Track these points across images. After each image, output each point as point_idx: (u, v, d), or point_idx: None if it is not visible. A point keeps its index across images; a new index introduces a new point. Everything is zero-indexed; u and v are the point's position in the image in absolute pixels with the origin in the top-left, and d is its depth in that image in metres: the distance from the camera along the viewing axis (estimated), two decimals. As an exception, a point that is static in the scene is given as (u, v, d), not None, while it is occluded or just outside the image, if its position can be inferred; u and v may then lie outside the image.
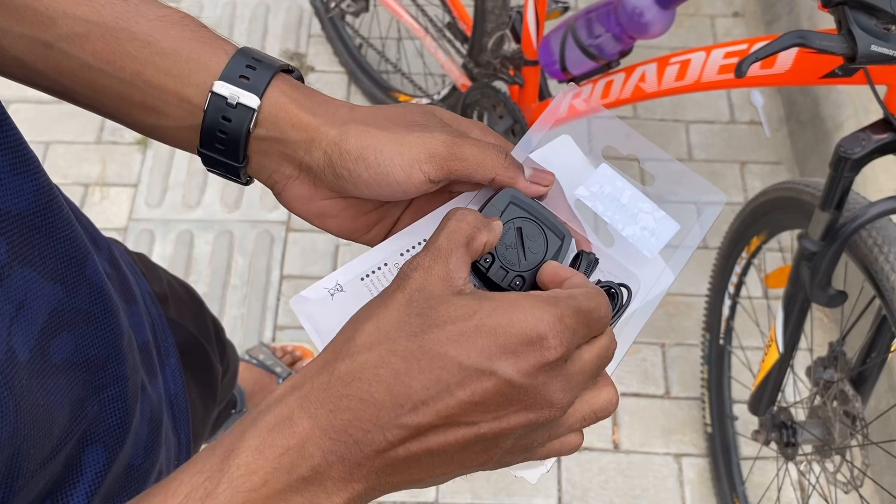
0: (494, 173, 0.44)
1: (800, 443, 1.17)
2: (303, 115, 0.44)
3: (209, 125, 0.44)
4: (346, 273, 0.46)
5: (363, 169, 0.43)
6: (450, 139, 0.44)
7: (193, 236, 1.74)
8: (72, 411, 0.44)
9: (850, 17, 0.69)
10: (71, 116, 1.88)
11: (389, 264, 0.46)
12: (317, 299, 0.45)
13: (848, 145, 0.91)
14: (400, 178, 0.43)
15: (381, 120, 0.44)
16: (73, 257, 0.44)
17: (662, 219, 0.47)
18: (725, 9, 2.07)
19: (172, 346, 0.64)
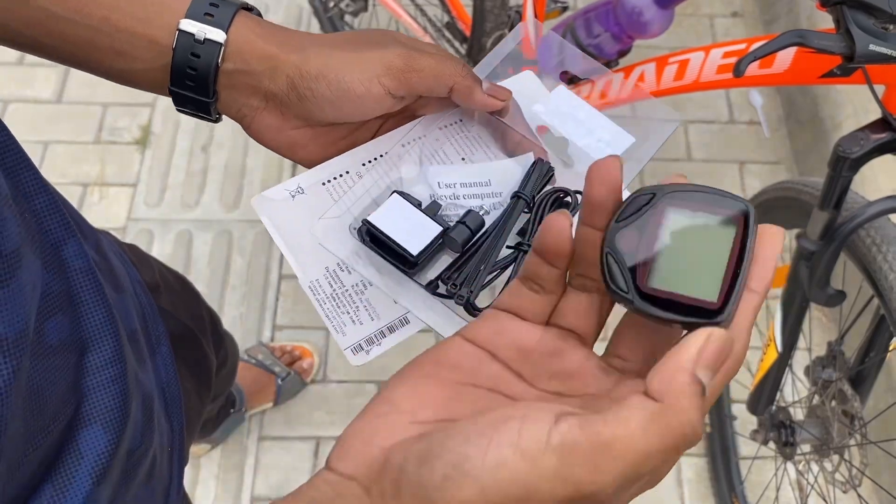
0: (453, 81, 0.46)
1: (798, 442, 1.17)
2: (266, 45, 0.46)
3: (178, 63, 0.46)
4: (307, 177, 0.48)
5: (325, 87, 0.45)
6: (407, 52, 0.45)
7: (192, 236, 1.74)
8: (64, 392, 0.44)
9: (848, 17, 0.69)
10: (69, 116, 1.88)
11: (351, 172, 0.48)
12: (278, 199, 0.48)
13: (846, 145, 0.91)
14: (360, 93, 0.45)
15: (339, 41, 0.46)
16: (50, 241, 0.45)
17: (617, 133, 0.49)
18: (724, 9, 2.07)
19: (164, 334, 0.64)
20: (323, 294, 0.46)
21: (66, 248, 0.46)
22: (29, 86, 1.92)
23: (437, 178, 0.49)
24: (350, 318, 0.46)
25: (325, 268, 0.47)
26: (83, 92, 1.91)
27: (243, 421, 1.52)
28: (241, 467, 1.50)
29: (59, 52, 0.47)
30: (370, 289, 0.46)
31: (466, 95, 0.47)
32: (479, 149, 0.50)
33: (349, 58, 0.45)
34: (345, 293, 0.47)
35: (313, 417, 1.55)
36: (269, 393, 1.52)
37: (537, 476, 0.27)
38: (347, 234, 0.46)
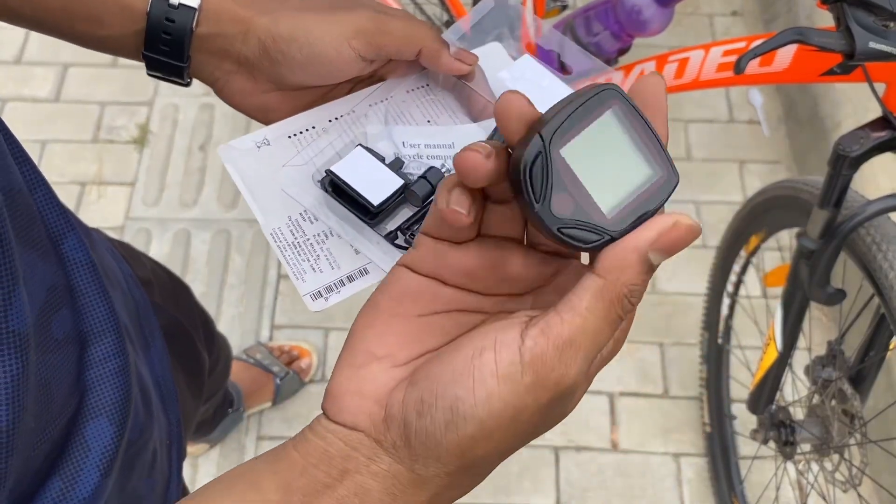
0: (422, 44, 0.47)
1: (798, 442, 1.16)
2: (239, 8, 0.46)
3: (153, 28, 0.46)
4: (274, 129, 0.49)
5: (296, 50, 0.46)
6: (376, 16, 0.46)
7: (191, 235, 1.73)
8: (69, 385, 0.44)
9: (848, 14, 0.69)
10: (67, 115, 1.88)
11: (317, 127, 0.49)
12: (244, 149, 0.48)
13: (847, 143, 0.91)
14: (331, 56, 0.45)
15: (311, 4, 0.47)
16: (50, 235, 0.45)
17: None
18: (724, 7, 2.06)
19: (157, 328, 0.64)
20: (284, 241, 0.47)
21: (66, 241, 0.46)
22: (27, 85, 1.91)
23: (402, 138, 0.50)
24: (310, 266, 0.47)
25: (288, 216, 0.47)
26: (81, 91, 1.91)
27: (241, 420, 1.52)
28: (239, 467, 1.49)
29: (35, 20, 0.48)
30: (331, 239, 0.47)
31: (434, 58, 0.48)
32: (445, 113, 0.52)
33: (320, 20, 0.46)
34: (306, 242, 0.47)
35: (311, 417, 1.53)
36: (267, 392, 1.52)
37: (522, 393, 0.30)
38: (311, 184, 0.48)
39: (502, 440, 0.31)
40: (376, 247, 0.46)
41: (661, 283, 1.68)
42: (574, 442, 1.51)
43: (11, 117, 1.87)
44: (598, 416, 1.54)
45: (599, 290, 0.30)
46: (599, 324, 0.30)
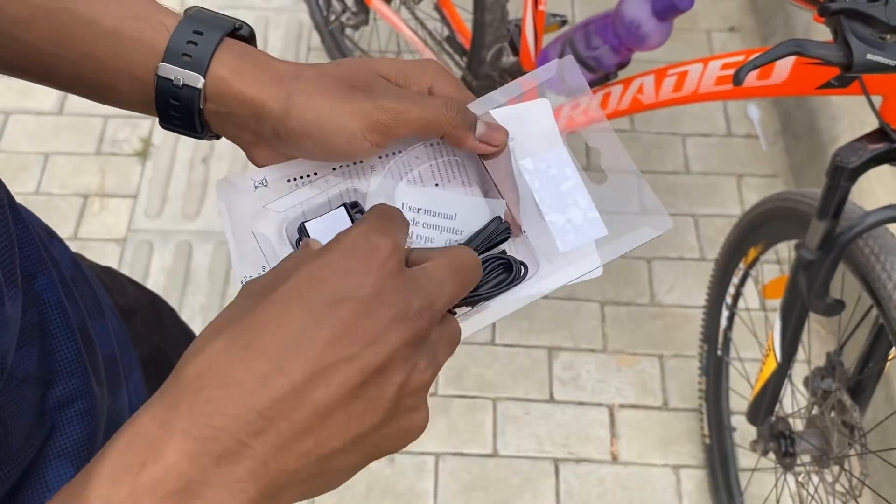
0: (443, 131, 0.44)
1: (798, 453, 1.17)
2: (246, 88, 0.44)
3: (161, 104, 0.45)
4: (275, 171, 0.47)
5: (310, 144, 0.44)
6: (394, 106, 0.43)
7: (192, 247, 1.74)
8: (29, 426, 0.43)
9: (845, 27, 0.70)
10: (71, 128, 1.89)
11: (319, 174, 0.47)
12: (240, 187, 0.46)
13: (844, 154, 0.92)
14: (346, 150, 0.44)
15: (324, 86, 0.44)
16: (23, 273, 0.44)
17: (593, 220, 0.45)
18: (722, 23, 2.08)
19: (136, 360, 0.64)
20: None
21: (38, 280, 0.46)
22: (30, 98, 1.93)
23: (402, 198, 0.47)
24: None
25: (262, 267, 0.45)
26: (84, 104, 1.92)
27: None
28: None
29: (52, 83, 0.47)
30: None
31: (457, 144, 0.45)
32: (458, 177, 0.48)
33: (333, 112, 0.43)
34: None
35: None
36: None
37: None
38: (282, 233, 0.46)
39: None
40: None
41: (659, 296, 1.68)
42: (574, 454, 1.51)
43: (15, 130, 1.88)
44: (598, 428, 1.54)
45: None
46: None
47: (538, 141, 0.48)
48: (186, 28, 0.44)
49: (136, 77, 0.45)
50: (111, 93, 0.46)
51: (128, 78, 0.45)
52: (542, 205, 0.45)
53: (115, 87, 0.45)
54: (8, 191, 0.45)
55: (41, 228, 0.57)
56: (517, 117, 0.47)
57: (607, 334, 1.64)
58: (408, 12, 1.64)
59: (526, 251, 0.46)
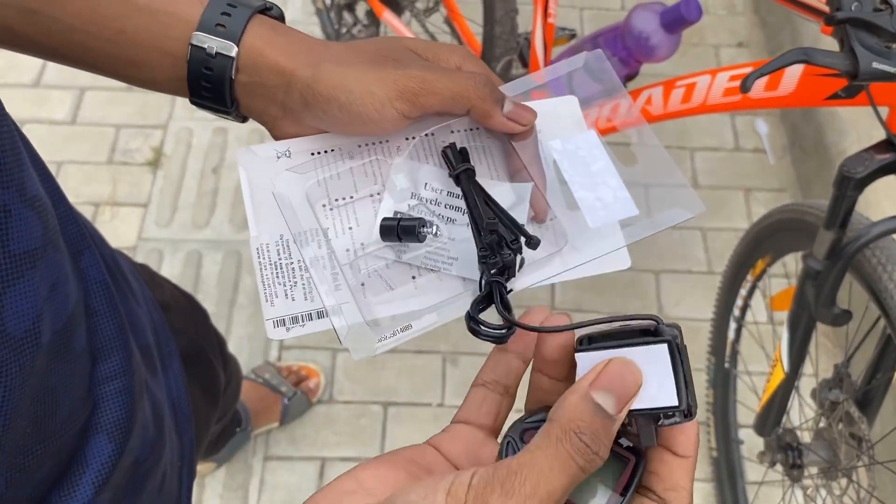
0: (470, 104, 0.44)
1: (806, 464, 1.16)
2: (279, 58, 0.45)
3: (193, 76, 0.45)
4: (299, 144, 0.47)
5: (336, 109, 0.44)
6: (422, 74, 0.43)
7: (202, 256, 1.75)
8: (79, 399, 0.44)
9: (851, 35, 0.71)
10: (83, 137, 1.91)
11: (343, 150, 0.47)
12: (262, 156, 0.46)
13: (851, 165, 0.92)
14: (373, 117, 0.43)
15: (353, 57, 0.45)
16: (70, 250, 0.45)
17: (623, 199, 0.44)
18: (730, 38, 2.10)
19: (175, 350, 0.65)
20: (267, 259, 0.45)
21: (84, 258, 0.47)
22: (44, 107, 1.95)
23: (426, 178, 0.46)
24: (284, 291, 0.44)
25: (280, 235, 0.45)
26: (97, 113, 1.95)
27: (248, 440, 1.52)
28: (245, 487, 1.49)
29: (82, 62, 0.48)
30: (315, 268, 0.44)
31: (484, 118, 0.45)
32: (484, 161, 0.48)
33: (362, 79, 0.43)
34: (289, 265, 0.45)
35: (319, 438, 1.55)
36: (274, 412, 1.52)
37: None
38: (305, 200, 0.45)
39: None
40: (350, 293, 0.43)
41: (667, 309, 1.68)
42: (581, 465, 1.50)
43: (29, 138, 1.90)
44: (605, 439, 1.54)
45: (547, 429, 0.31)
46: (547, 461, 0.30)
47: (566, 129, 0.47)
48: (219, 2, 0.45)
49: (169, 52, 0.45)
50: (144, 70, 0.47)
51: (160, 53, 0.45)
52: (571, 183, 0.44)
53: (148, 64, 0.46)
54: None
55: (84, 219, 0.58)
56: (545, 111, 0.47)
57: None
58: (418, 25, 1.65)
59: (552, 235, 0.45)
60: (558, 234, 0.45)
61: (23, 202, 0.37)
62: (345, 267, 0.44)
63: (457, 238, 0.45)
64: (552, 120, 0.47)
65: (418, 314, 0.43)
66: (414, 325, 0.42)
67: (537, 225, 0.46)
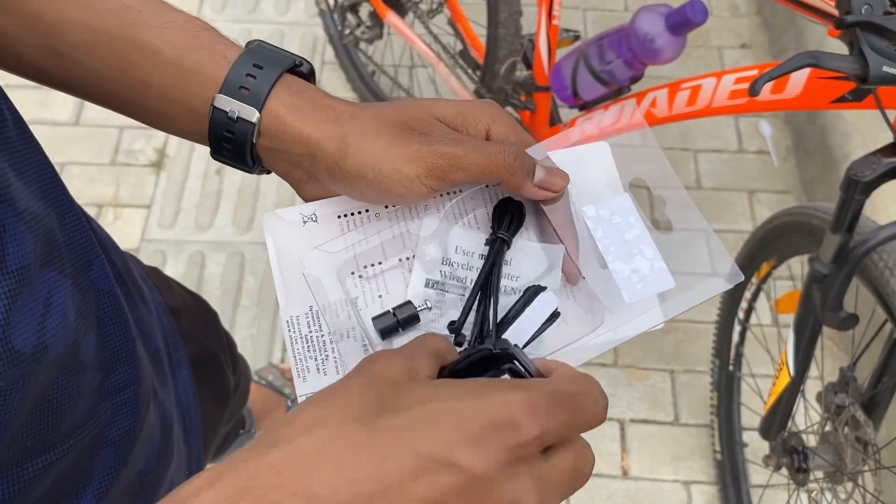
0: (500, 179, 0.43)
1: (811, 468, 1.16)
2: (304, 128, 0.43)
3: (215, 136, 0.45)
4: (325, 206, 0.46)
5: (364, 186, 0.43)
6: (450, 151, 0.42)
7: (205, 257, 1.75)
8: (84, 412, 0.44)
9: (861, 39, 0.71)
10: (86, 138, 1.91)
11: (371, 212, 0.46)
12: (288, 221, 0.45)
13: (859, 168, 0.92)
14: (401, 193, 0.43)
15: (380, 128, 0.43)
16: (79, 260, 0.45)
17: (659, 270, 0.43)
18: (734, 40, 2.09)
19: (184, 357, 0.64)
20: (297, 332, 0.44)
21: (93, 269, 0.47)
22: (47, 108, 1.95)
23: (456, 242, 0.46)
24: (316, 366, 0.43)
25: (310, 307, 0.44)
26: (100, 115, 1.94)
27: (252, 442, 1.52)
28: (248, 489, 1.49)
29: (111, 107, 0.48)
30: (346, 340, 0.43)
31: (515, 190, 0.44)
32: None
33: (389, 156, 0.42)
34: (320, 338, 0.44)
35: (322, 440, 1.54)
36: (278, 414, 1.52)
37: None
38: (335, 277, 0.44)
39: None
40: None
41: (671, 311, 1.68)
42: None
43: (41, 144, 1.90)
44: (609, 442, 1.54)
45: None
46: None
47: (598, 186, 0.46)
48: (246, 61, 0.44)
49: (193, 108, 0.45)
50: (168, 121, 0.46)
51: (184, 108, 0.45)
52: (606, 254, 0.43)
53: (172, 116, 0.46)
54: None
55: (96, 224, 0.58)
56: (576, 160, 0.46)
57: (618, 349, 1.64)
58: (422, 27, 1.65)
59: (584, 298, 0.44)
60: (591, 299, 0.44)
61: (16, 217, 0.37)
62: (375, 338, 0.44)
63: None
64: (584, 169, 0.46)
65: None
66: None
67: (569, 287, 0.45)
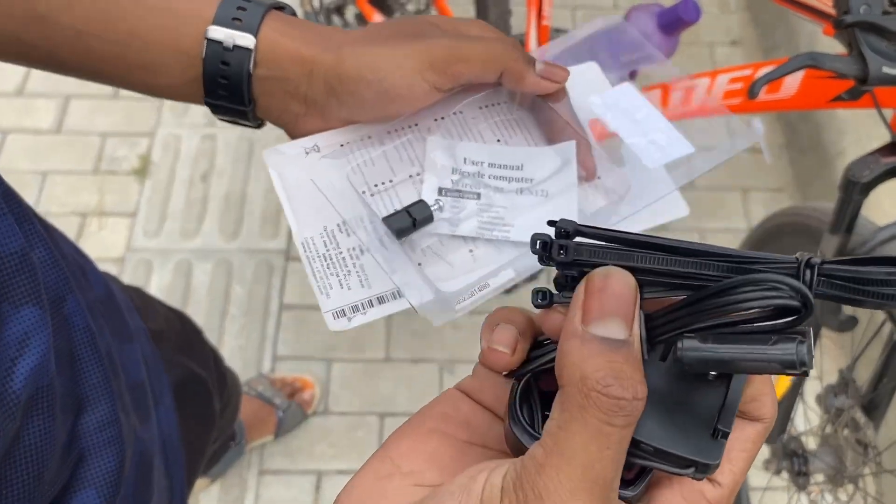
0: (503, 67, 0.43)
1: (811, 472, 1.14)
2: (299, 47, 0.43)
3: (210, 73, 0.44)
4: (326, 137, 0.46)
5: (364, 88, 0.42)
6: (451, 42, 0.42)
7: (192, 266, 1.72)
8: (61, 454, 0.42)
9: (860, 40, 0.69)
10: (68, 146, 1.87)
11: (374, 137, 0.46)
12: (290, 154, 0.45)
13: (857, 169, 0.90)
14: (403, 91, 0.42)
15: (374, 36, 0.43)
16: (51, 297, 0.43)
17: (676, 139, 0.45)
18: (724, 37, 2.08)
19: (167, 385, 0.63)
20: (314, 252, 0.44)
21: (67, 304, 0.45)
22: (28, 116, 1.91)
23: (464, 153, 0.46)
24: (338, 281, 0.43)
25: (324, 227, 0.44)
26: (82, 122, 1.91)
27: (243, 454, 1.49)
28: (240, 502, 1.47)
29: (91, 71, 0.46)
30: (366, 255, 0.43)
31: (518, 79, 0.43)
32: (519, 133, 0.47)
33: (389, 54, 0.42)
34: (338, 255, 0.44)
35: (315, 451, 1.52)
36: (269, 425, 1.50)
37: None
38: (348, 186, 0.44)
39: None
40: (413, 270, 0.42)
41: (666, 312, 1.67)
42: None
43: (13, 148, 1.86)
44: (606, 447, 1.52)
45: (562, 401, 0.25)
46: (580, 441, 0.24)
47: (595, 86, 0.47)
48: (232, 2, 0.44)
49: (183, 51, 0.44)
50: (157, 74, 0.45)
51: (173, 53, 0.44)
52: (622, 134, 0.44)
53: (162, 67, 0.44)
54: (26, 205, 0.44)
55: (73, 250, 0.55)
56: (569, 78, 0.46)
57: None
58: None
59: (602, 194, 0.45)
60: (609, 192, 0.45)
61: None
62: (398, 248, 0.43)
63: (508, 206, 0.45)
64: (578, 85, 0.47)
65: (495, 272, 0.41)
66: (491, 282, 0.41)
67: (586, 184, 0.46)
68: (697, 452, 0.27)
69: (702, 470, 0.27)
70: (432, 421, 0.31)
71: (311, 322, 1.63)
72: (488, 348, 0.30)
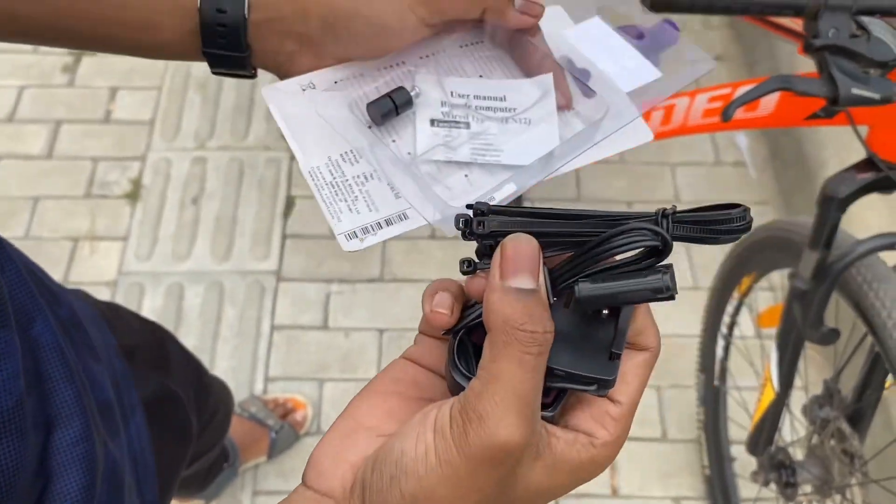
0: (486, 3, 0.46)
1: (799, 483, 1.16)
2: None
3: (207, 22, 0.45)
4: (320, 75, 0.48)
5: (359, 24, 0.45)
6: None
7: (183, 288, 1.73)
8: (32, 474, 0.43)
9: (830, 62, 0.71)
10: (60, 171, 1.89)
11: (366, 75, 0.49)
12: (287, 91, 0.48)
13: (833, 185, 0.92)
14: (395, 26, 0.45)
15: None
16: (19, 318, 0.44)
17: (644, 64, 0.49)
18: (706, 52, 2.10)
19: (137, 401, 0.63)
20: (322, 181, 0.46)
21: (35, 325, 0.46)
22: (20, 141, 1.93)
23: (451, 87, 0.49)
24: (347, 207, 0.45)
25: (328, 156, 0.46)
26: (73, 147, 1.92)
27: (236, 476, 1.50)
28: (235, 523, 1.47)
29: (87, 37, 0.47)
30: (372, 181, 0.46)
31: (499, 15, 0.47)
32: (499, 69, 0.51)
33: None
34: (345, 182, 0.46)
35: (308, 470, 1.52)
36: (262, 447, 1.50)
37: (453, 447, 0.31)
38: (350, 115, 0.47)
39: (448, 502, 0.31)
40: (419, 191, 0.45)
41: (655, 326, 1.68)
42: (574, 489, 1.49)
43: (4, 174, 1.87)
44: (597, 461, 1.53)
45: (490, 340, 0.31)
46: (507, 369, 0.31)
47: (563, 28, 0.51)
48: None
49: (179, 4, 0.45)
50: (152, 31, 0.46)
51: (169, 7, 0.45)
52: (594, 59, 0.49)
53: (157, 24, 0.46)
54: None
55: (39, 271, 0.56)
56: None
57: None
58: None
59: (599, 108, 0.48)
60: (585, 118, 0.49)
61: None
62: (399, 174, 0.46)
63: (496, 132, 0.49)
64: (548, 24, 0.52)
65: (498, 187, 0.45)
66: (496, 196, 0.45)
67: (565, 112, 0.50)
68: (598, 371, 0.34)
69: (603, 385, 0.34)
70: (385, 384, 0.37)
71: (302, 342, 1.64)
72: (431, 312, 0.35)
